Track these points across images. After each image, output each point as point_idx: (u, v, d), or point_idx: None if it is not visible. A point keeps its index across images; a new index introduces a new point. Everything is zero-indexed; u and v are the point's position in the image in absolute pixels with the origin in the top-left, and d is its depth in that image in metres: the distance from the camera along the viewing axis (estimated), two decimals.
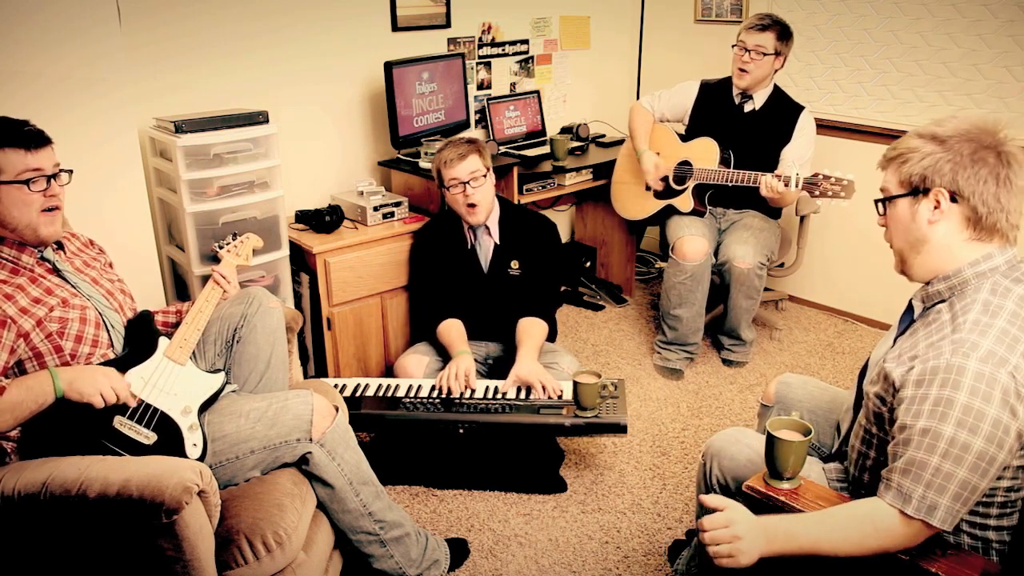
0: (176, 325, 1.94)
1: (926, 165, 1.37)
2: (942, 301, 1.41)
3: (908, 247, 1.44)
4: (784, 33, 3.03)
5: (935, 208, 1.38)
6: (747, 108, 3.16)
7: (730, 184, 3.05)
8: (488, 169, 2.58)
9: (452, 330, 2.59)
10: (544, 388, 2.39)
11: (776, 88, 3.17)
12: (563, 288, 3.90)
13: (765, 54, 3.02)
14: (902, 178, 1.42)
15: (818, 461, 1.66)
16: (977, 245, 1.38)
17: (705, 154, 3.14)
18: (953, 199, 1.36)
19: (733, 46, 3.10)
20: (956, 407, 1.26)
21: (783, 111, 3.12)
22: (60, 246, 1.82)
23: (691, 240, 3.07)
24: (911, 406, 1.32)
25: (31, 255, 1.71)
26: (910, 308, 1.52)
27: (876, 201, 1.48)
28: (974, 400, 1.26)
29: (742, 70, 3.07)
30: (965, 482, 1.28)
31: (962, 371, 1.27)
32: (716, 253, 3.15)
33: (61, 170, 1.70)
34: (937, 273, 1.42)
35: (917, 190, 1.39)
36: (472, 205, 2.56)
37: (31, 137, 1.64)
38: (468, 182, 2.53)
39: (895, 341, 1.50)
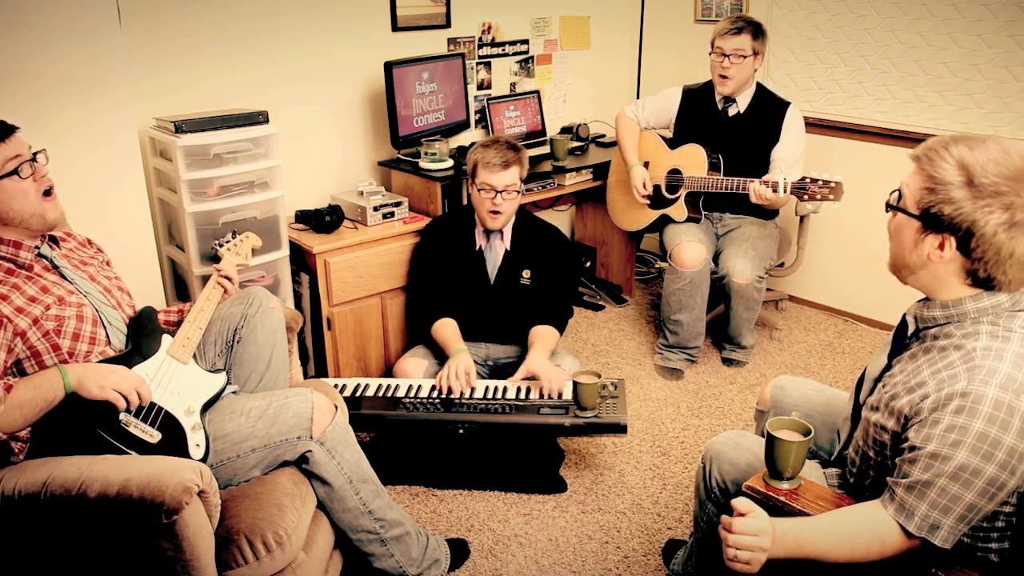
0: (178, 324, 1.95)
1: (946, 212, 1.26)
2: (938, 326, 1.35)
3: (902, 263, 1.37)
4: (758, 31, 3.00)
5: (938, 248, 1.29)
6: (731, 112, 3.14)
7: (721, 191, 3.04)
8: (521, 182, 2.62)
9: (447, 328, 2.59)
10: (546, 387, 2.39)
11: (759, 87, 3.14)
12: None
13: (745, 57, 2.99)
14: (921, 200, 1.29)
15: (818, 466, 1.64)
16: (976, 290, 1.31)
17: (694, 161, 3.12)
18: (960, 250, 1.27)
19: (710, 53, 3.06)
20: (971, 434, 1.22)
21: (768, 111, 3.10)
22: (56, 243, 1.81)
23: (688, 247, 3.06)
24: (922, 428, 1.28)
25: (29, 251, 1.69)
26: (903, 324, 1.45)
27: (892, 195, 1.38)
28: (991, 428, 1.21)
29: (723, 76, 3.04)
30: (972, 505, 1.25)
31: (980, 399, 1.22)
32: (715, 260, 3.14)
33: (35, 152, 1.68)
34: (933, 294, 1.35)
35: (929, 222, 1.29)
36: (496, 212, 2.57)
37: None
38: (501, 192, 2.54)
39: (890, 361, 1.45)
